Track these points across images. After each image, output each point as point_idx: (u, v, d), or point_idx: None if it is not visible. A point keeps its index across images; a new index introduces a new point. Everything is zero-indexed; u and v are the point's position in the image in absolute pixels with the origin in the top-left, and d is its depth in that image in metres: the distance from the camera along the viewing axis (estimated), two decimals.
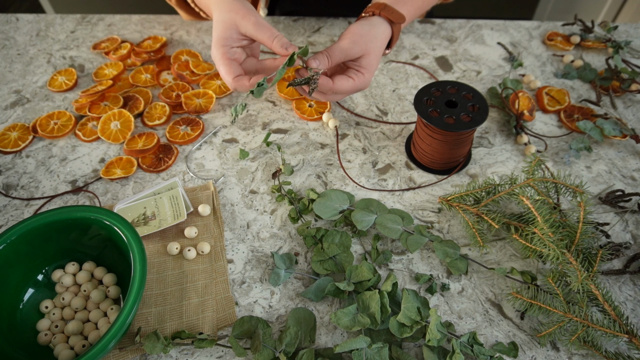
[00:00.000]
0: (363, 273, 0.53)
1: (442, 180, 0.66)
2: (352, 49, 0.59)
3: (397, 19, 0.63)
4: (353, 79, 0.60)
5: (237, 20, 0.58)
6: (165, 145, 0.70)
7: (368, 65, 0.61)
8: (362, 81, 0.60)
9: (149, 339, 0.48)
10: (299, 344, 0.50)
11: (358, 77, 0.60)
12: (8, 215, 0.62)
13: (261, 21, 0.58)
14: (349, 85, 0.59)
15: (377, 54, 0.62)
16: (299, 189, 0.65)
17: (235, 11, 0.59)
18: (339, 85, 0.59)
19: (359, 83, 0.60)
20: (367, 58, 0.60)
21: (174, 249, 0.57)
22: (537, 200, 0.53)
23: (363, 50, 0.60)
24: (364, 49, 0.60)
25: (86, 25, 0.92)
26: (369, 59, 0.61)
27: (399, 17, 0.64)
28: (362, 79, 0.60)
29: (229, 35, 0.58)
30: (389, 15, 0.63)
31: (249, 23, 0.58)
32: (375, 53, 0.61)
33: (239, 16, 0.58)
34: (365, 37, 0.60)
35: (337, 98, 0.63)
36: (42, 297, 0.53)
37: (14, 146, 0.70)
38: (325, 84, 0.58)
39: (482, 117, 0.59)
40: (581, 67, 0.82)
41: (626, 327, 0.47)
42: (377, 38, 0.62)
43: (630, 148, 0.70)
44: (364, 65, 0.60)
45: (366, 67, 0.60)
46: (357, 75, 0.60)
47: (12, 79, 0.82)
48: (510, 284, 0.55)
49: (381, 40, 0.62)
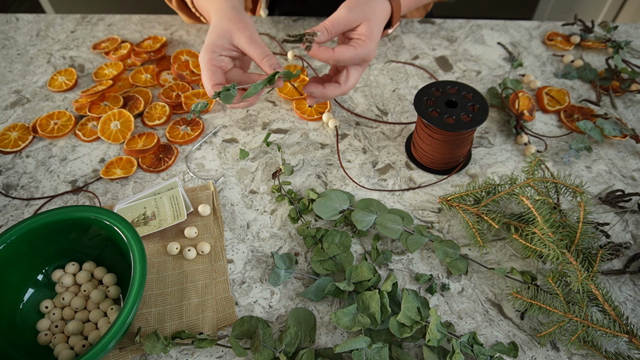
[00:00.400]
0: (363, 273, 0.53)
1: (442, 180, 0.66)
2: (349, 17, 0.58)
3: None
4: (354, 47, 0.59)
5: (233, 31, 0.59)
6: (165, 145, 0.70)
7: (369, 32, 0.59)
8: (365, 49, 0.59)
9: (149, 339, 0.48)
10: (299, 344, 0.50)
11: (359, 45, 0.59)
12: (8, 215, 0.62)
13: (256, 37, 0.59)
14: (350, 52, 0.58)
15: (377, 22, 0.60)
16: (299, 189, 0.65)
17: (234, 22, 0.59)
18: (340, 52, 0.57)
19: (361, 51, 0.59)
20: (366, 25, 0.59)
21: (174, 249, 0.57)
22: (537, 200, 0.53)
23: (361, 17, 0.59)
24: (362, 15, 0.59)
25: (86, 25, 0.92)
26: (368, 25, 0.59)
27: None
28: (364, 46, 0.59)
29: (221, 43, 0.59)
30: None
31: (243, 36, 0.58)
32: (375, 20, 0.60)
33: (236, 27, 0.59)
34: (362, 4, 0.60)
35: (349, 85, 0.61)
36: (42, 297, 0.53)
37: (14, 146, 0.70)
38: (325, 52, 0.57)
39: (482, 117, 0.59)
40: (581, 67, 0.82)
41: (626, 327, 0.47)
42: (375, 7, 0.60)
43: (630, 148, 0.70)
44: (365, 33, 0.59)
45: (367, 35, 0.59)
46: (358, 43, 0.59)
47: (12, 79, 0.82)
48: (510, 284, 0.55)
49: (379, 11, 0.61)
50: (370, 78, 0.81)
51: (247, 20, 0.60)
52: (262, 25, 0.91)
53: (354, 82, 0.62)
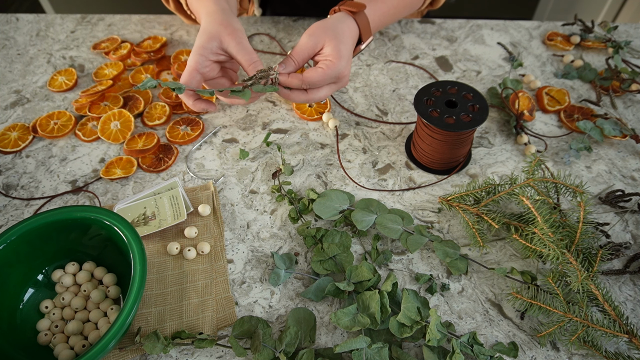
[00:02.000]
0: (363, 273, 0.53)
1: (442, 180, 0.66)
2: (309, 42, 0.60)
3: (356, 8, 0.64)
4: (323, 68, 0.60)
5: (222, 35, 0.59)
6: (165, 145, 0.70)
7: (334, 51, 0.60)
8: (333, 68, 0.60)
9: (149, 339, 0.48)
10: (299, 344, 0.50)
11: (328, 66, 0.60)
12: (8, 215, 0.62)
13: (245, 43, 0.60)
14: (318, 74, 0.59)
15: (343, 41, 0.61)
16: (299, 189, 0.65)
17: (224, 26, 0.60)
18: (309, 75, 0.59)
19: (329, 71, 0.60)
20: (330, 46, 0.60)
21: (174, 249, 0.57)
22: (537, 200, 0.53)
23: (322, 40, 0.60)
24: (323, 38, 0.60)
25: (86, 25, 0.92)
26: (332, 45, 0.60)
27: (358, 5, 0.64)
28: (332, 65, 0.60)
29: (210, 46, 0.59)
30: (348, 7, 0.64)
31: (233, 42, 0.59)
32: (340, 39, 0.61)
33: (226, 32, 0.59)
34: (322, 28, 0.61)
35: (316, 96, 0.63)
36: (42, 297, 0.53)
37: (14, 146, 0.70)
38: (295, 78, 0.59)
39: (482, 117, 0.59)
40: (581, 67, 0.82)
41: (626, 327, 0.47)
42: (337, 27, 0.62)
43: (630, 148, 0.70)
44: (331, 53, 0.60)
45: (333, 54, 0.60)
46: (326, 64, 0.60)
47: (12, 79, 0.82)
48: (510, 284, 0.55)
49: (343, 30, 0.62)
50: (370, 78, 0.81)
51: (237, 26, 0.61)
52: (262, 25, 0.91)
53: (323, 96, 0.63)
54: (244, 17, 0.93)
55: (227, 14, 0.62)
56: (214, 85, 0.63)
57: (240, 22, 0.62)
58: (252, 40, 0.88)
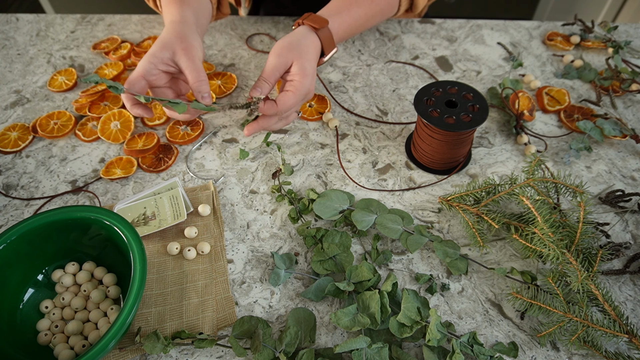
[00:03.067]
0: (363, 273, 0.53)
1: (442, 180, 0.66)
2: (279, 62, 0.62)
3: (319, 24, 0.66)
4: (292, 91, 0.61)
5: (177, 49, 0.60)
6: (165, 145, 0.70)
7: (300, 70, 0.62)
8: (301, 88, 0.62)
9: (149, 339, 0.48)
10: (299, 344, 0.50)
11: (295, 87, 0.62)
12: (8, 215, 0.62)
13: (197, 61, 0.60)
14: (291, 99, 0.61)
15: (308, 59, 0.63)
16: (299, 189, 0.65)
17: (181, 39, 0.60)
18: (282, 102, 0.61)
19: (299, 93, 0.62)
20: (297, 64, 0.62)
21: (174, 249, 0.57)
22: (537, 200, 0.53)
23: (289, 58, 0.62)
24: (289, 57, 0.62)
25: (86, 25, 0.92)
26: (299, 64, 0.62)
27: (321, 22, 0.66)
28: (299, 85, 0.62)
29: (161, 56, 0.60)
30: (311, 22, 0.66)
31: (185, 57, 0.60)
32: (306, 57, 0.63)
33: (181, 46, 0.60)
34: (287, 47, 0.63)
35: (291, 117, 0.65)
36: (42, 297, 0.53)
37: (14, 146, 0.70)
38: (271, 108, 0.60)
39: (482, 117, 0.59)
40: (581, 67, 0.82)
41: (626, 327, 0.47)
42: (302, 44, 0.64)
43: (630, 148, 0.70)
44: (297, 72, 0.62)
45: (299, 73, 0.62)
46: (294, 85, 0.62)
47: (12, 79, 0.82)
48: (510, 284, 0.55)
49: (307, 46, 0.64)
50: (370, 78, 0.81)
51: (194, 42, 0.61)
52: (262, 25, 0.91)
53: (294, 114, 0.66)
54: (243, 18, 0.93)
55: (187, 27, 0.63)
56: (159, 94, 0.63)
57: (199, 39, 0.63)
58: (252, 40, 0.88)
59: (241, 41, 0.88)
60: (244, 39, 0.88)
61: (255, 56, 0.85)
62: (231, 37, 0.89)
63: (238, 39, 0.89)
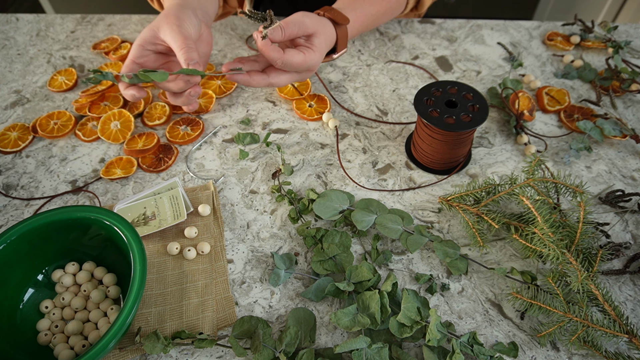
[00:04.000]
0: (363, 273, 0.53)
1: (442, 180, 0.66)
2: (305, 22, 0.59)
3: (340, 20, 0.64)
4: (304, 53, 0.59)
5: (161, 25, 0.57)
6: (165, 145, 0.70)
7: (319, 44, 0.60)
8: (312, 58, 0.60)
9: (149, 339, 0.48)
10: (299, 344, 0.50)
11: (309, 53, 0.59)
12: (8, 215, 0.62)
13: (182, 30, 0.56)
14: (299, 58, 0.58)
15: (327, 40, 0.62)
16: (299, 189, 0.65)
17: (167, 16, 0.58)
18: (290, 55, 0.58)
19: (309, 59, 0.59)
20: (318, 37, 0.60)
21: (174, 249, 0.57)
22: (537, 200, 0.53)
23: (315, 26, 0.60)
24: (316, 25, 0.60)
25: (86, 25, 0.92)
26: (319, 38, 0.60)
27: (343, 19, 0.65)
28: (313, 55, 0.60)
29: (147, 35, 0.58)
30: (333, 16, 0.64)
31: (169, 29, 0.56)
32: (326, 36, 0.61)
33: (165, 21, 0.57)
34: (318, 18, 0.61)
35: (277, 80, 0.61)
36: (42, 297, 0.53)
37: (14, 146, 0.70)
38: (275, 51, 0.57)
39: (482, 117, 0.59)
40: (581, 67, 0.82)
41: (626, 327, 0.47)
42: (327, 26, 0.62)
43: (630, 148, 0.70)
44: (315, 44, 0.60)
45: (317, 46, 0.60)
46: (308, 51, 0.59)
47: (12, 79, 0.82)
48: (510, 284, 0.55)
49: (330, 31, 0.63)
50: (371, 78, 0.81)
51: (182, 16, 0.58)
52: None
53: (284, 82, 0.62)
54: (244, 18, 0.93)
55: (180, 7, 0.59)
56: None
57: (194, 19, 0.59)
58: (253, 40, 0.88)
59: (241, 41, 0.88)
60: (244, 39, 0.88)
61: None
62: (231, 37, 0.89)
63: (238, 39, 0.89)
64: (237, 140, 0.70)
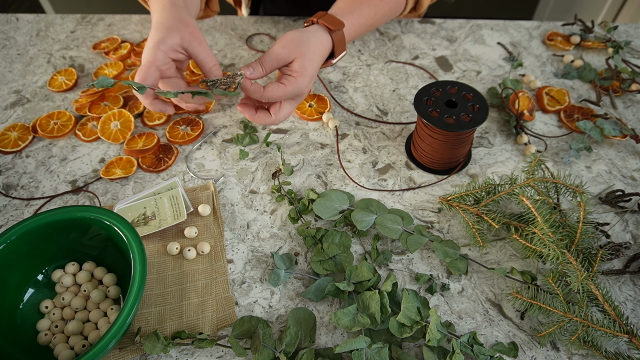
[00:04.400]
0: (363, 273, 0.53)
1: (442, 180, 0.66)
2: (281, 53, 0.59)
3: (335, 26, 0.64)
4: (284, 84, 0.59)
5: (184, 34, 0.57)
6: (165, 145, 0.70)
7: (300, 68, 0.59)
8: (295, 86, 0.59)
9: (149, 339, 0.48)
10: (299, 344, 0.50)
11: (290, 82, 0.59)
12: (8, 215, 0.62)
13: (207, 45, 0.58)
14: (280, 90, 0.58)
15: (311, 58, 0.61)
16: (299, 189, 0.65)
17: (185, 24, 0.58)
18: (270, 90, 0.58)
19: (291, 88, 0.59)
20: (298, 61, 0.60)
21: (174, 249, 0.57)
22: (537, 200, 0.53)
23: (294, 53, 0.60)
24: (294, 52, 0.60)
25: (86, 25, 0.92)
26: (300, 62, 0.60)
27: (337, 24, 0.64)
28: (295, 83, 0.59)
29: (171, 42, 0.56)
30: (327, 23, 0.64)
31: (195, 41, 0.57)
32: (309, 56, 0.60)
33: (188, 30, 0.57)
34: (296, 41, 0.60)
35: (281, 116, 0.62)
36: (42, 297, 0.53)
37: (14, 146, 0.70)
38: (257, 90, 0.57)
39: (482, 117, 0.59)
40: (581, 67, 0.82)
41: (626, 327, 0.47)
42: (311, 42, 0.61)
43: (630, 148, 0.70)
44: (296, 69, 0.60)
45: (298, 71, 0.59)
46: (289, 80, 0.59)
47: (12, 79, 0.82)
48: (510, 284, 0.55)
49: (316, 45, 0.62)
50: (371, 78, 0.81)
51: (195, 24, 0.59)
52: (262, 25, 0.91)
53: (286, 114, 0.62)
54: (243, 18, 0.93)
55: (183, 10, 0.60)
56: (170, 85, 0.60)
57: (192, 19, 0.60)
58: (252, 40, 0.88)
59: (241, 41, 0.88)
60: (244, 39, 0.88)
61: (256, 56, 0.85)
62: (231, 37, 0.89)
63: (238, 39, 0.89)
64: (237, 142, 0.70)
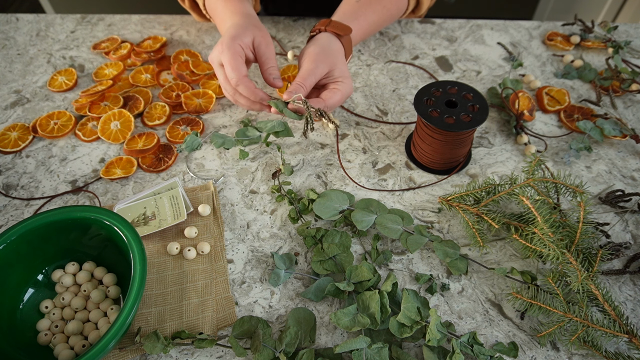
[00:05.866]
0: (363, 273, 0.53)
1: (442, 180, 0.66)
2: (318, 68, 0.62)
3: (343, 32, 0.67)
4: (340, 90, 0.63)
5: (257, 35, 0.63)
6: (165, 145, 0.70)
7: (342, 73, 0.64)
8: (346, 88, 0.64)
9: (149, 339, 0.48)
10: (299, 344, 0.50)
11: (341, 86, 0.64)
12: (8, 215, 0.62)
13: (273, 49, 0.64)
14: (338, 96, 0.63)
15: (343, 61, 0.66)
16: (299, 189, 0.65)
17: (258, 28, 0.64)
18: (330, 100, 0.63)
19: (344, 91, 0.64)
20: (337, 69, 0.64)
21: (174, 249, 0.57)
22: (537, 200, 0.53)
23: (328, 65, 0.63)
24: (328, 64, 0.63)
25: (86, 25, 0.92)
26: (339, 69, 0.64)
27: (345, 29, 0.67)
28: (345, 86, 0.64)
29: (246, 40, 0.62)
30: (335, 29, 0.67)
31: (265, 44, 0.63)
32: (341, 61, 0.65)
33: (260, 34, 0.64)
34: (323, 54, 0.64)
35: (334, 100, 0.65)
36: (42, 297, 0.53)
37: (14, 146, 0.70)
38: (318, 103, 0.62)
39: (482, 117, 0.59)
40: (581, 67, 0.82)
41: (626, 327, 0.47)
42: (333, 49, 0.65)
43: (630, 148, 0.70)
44: (339, 75, 0.64)
45: (342, 75, 0.64)
46: (340, 85, 0.64)
47: (12, 79, 0.82)
48: (510, 284, 0.55)
49: (338, 51, 0.66)
50: (371, 78, 0.81)
51: (266, 29, 0.65)
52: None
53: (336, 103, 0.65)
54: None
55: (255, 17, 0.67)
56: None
57: None
58: None
59: None
60: None
61: None
62: None
63: None
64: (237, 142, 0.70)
